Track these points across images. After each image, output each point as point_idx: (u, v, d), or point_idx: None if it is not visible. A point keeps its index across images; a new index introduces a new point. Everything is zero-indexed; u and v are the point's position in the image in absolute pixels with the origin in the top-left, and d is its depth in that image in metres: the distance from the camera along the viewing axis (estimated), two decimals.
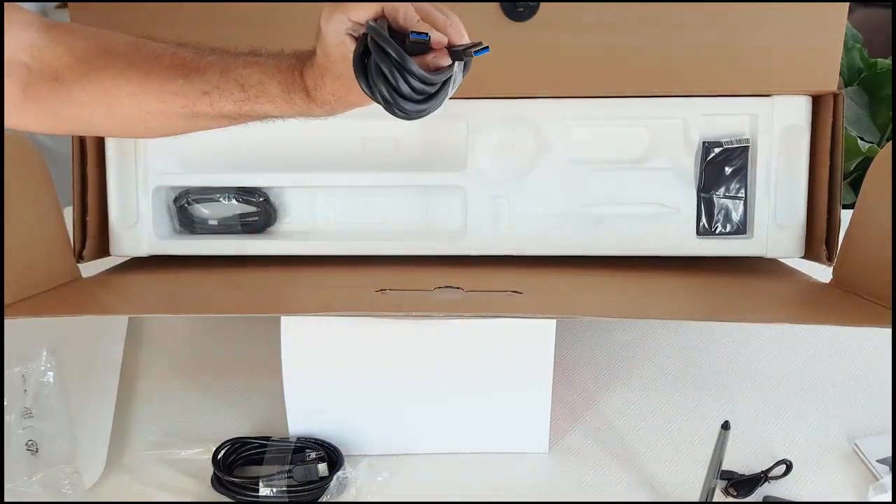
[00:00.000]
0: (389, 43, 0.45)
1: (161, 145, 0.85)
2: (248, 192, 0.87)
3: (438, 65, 0.47)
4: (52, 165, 0.79)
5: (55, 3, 1.72)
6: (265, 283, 0.82)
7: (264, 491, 0.64)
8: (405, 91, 0.46)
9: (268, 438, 0.70)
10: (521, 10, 0.79)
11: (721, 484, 0.66)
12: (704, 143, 0.84)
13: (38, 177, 0.77)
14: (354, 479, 0.67)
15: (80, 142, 0.84)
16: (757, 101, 0.83)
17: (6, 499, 0.62)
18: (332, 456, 0.67)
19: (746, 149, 0.84)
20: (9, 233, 0.68)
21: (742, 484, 0.66)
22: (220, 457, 0.68)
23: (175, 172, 0.86)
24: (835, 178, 0.81)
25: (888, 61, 1.57)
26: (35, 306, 0.70)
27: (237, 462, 0.68)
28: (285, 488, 0.64)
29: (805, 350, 0.84)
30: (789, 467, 0.67)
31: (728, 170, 0.84)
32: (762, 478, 0.66)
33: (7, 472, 0.65)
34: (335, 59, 0.49)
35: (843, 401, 0.76)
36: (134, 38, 0.56)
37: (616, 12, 0.79)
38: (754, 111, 0.83)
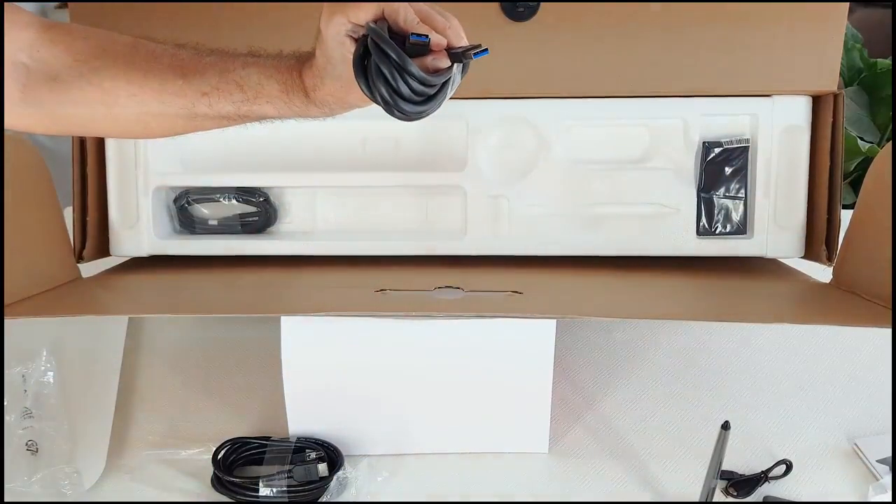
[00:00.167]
0: (390, 44, 0.46)
1: (161, 145, 0.85)
2: (248, 192, 0.87)
3: (438, 67, 0.48)
4: (52, 165, 0.79)
5: (55, 3, 1.72)
6: (265, 284, 0.82)
7: (264, 491, 0.64)
8: (405, 92, 0.46)
9: (268, 438, 0.70)
10: (521, 10, 0.79)
11: (721, 484, 0.66)
12: (704, 143, 0.84)
13: (38, 177, 0.77)
14: (354, 479, 0.67)
15: (80, 142, 0.84)
16: (757, 101, 0.83)
17: (6, 499, 0.63)
18: (332, 456, 0.67)
19: (746, 149, 0.84)
20: (9, 233, 0.68)
21: (742, 484, 0.66)
22: (220, 457, 0.68)
23: (175, 172, 0.86)
24: (835, 178, 0.81)
25: (888, 61, 1.56)
26: (35, 306, 0.70)
27: (237, 462, 0.68)
28: (285, 488, 0.64)
29: (805, 350, 0.83)
30: (789, 467, 0.67)
31: (728, 170, 0.84)
32: (762, 478, 0.66)
33: (7, 472, 0.65)
34: (335, 60, 0.49)
35: (843, 401, 0.76)
36: (133, 38, 0.56)
37: (616, 12, 0.79)
38: (754, 111, 0.83)
